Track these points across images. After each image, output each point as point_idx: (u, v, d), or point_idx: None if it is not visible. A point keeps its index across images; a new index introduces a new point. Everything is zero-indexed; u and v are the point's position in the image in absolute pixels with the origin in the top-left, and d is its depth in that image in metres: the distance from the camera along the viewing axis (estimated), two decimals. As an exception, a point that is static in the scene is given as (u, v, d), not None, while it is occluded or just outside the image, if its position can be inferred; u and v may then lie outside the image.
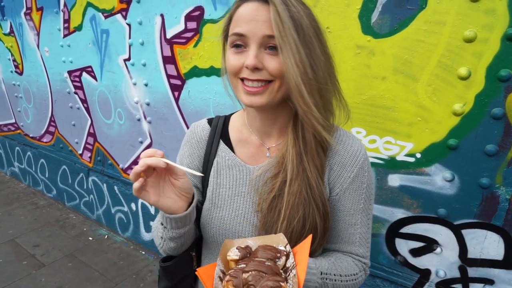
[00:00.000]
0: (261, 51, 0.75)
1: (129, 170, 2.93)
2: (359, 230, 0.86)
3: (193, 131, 0.98)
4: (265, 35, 0.73)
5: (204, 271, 0.66)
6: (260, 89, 0.76)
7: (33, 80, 3.64)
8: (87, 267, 2.89)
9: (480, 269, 1.43)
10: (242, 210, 0.88)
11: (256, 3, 0.74)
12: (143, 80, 2.48)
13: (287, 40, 0.71)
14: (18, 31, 3.56)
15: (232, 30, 0.77)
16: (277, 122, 0.89)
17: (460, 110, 1.32)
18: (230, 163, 0.91)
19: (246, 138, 0.93)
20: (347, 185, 0.85)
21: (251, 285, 0.61)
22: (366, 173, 0.86)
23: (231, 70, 0.79)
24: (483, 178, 1.34)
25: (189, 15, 2.06)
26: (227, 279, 0.64)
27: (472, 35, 1.24)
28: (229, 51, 0.80)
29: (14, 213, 3.82)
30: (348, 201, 0.85)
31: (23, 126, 4.12)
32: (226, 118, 0.99)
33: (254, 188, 0.87)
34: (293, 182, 0.80)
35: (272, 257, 0.67)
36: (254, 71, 0.75)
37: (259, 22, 0.73)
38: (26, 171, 4.40)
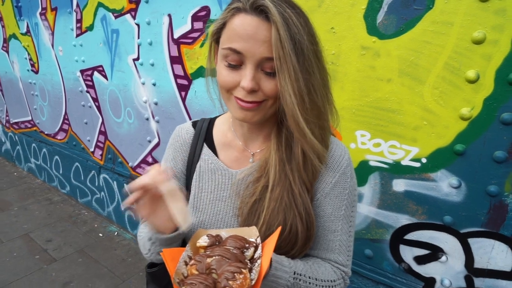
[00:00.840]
0: (258, 71, 0.72)
1: (138, 168, 2.96)
2: (339, 237, 0.84)
3: (178, 134, 0.98)
4: (264, 57, 0.70)
5: (169, 253, 0.66)
6: (254, 105, 0.74)
7: (48, 78, 3.72)
8: (96, 263, 2.94)
9: (487, 279, 1.38)
10: (222, 214, 0.87)
11: (256, 18, 0.69)
12: (151, 80, 2.49)
13: (286, 67, 0.68)
14: (34, 30, 3.64)
15: (227, 43, 0.72)
16: (263, 129, 0.88)
17: (467, 115, 1.27)
18: (213, 167, 0.90)
19: (230, 142, 0.92)
20: (328, 190, 0.83)
21: (213, 269, 0.62)
22: (348, 179, 0.84)
23: (224, 86, 0.76)
24: (491, 185, 1.28)
25: (196, 15, 2.05)
26: (191, 263, 0.65)
27: (481, 36, 1.18)
28: (221, 64, 0.76)
29: (29, 208, 3.92)
30: (329, 207, 0.84)
31: (39, 123, 4.23)
32: (211, 121, 0.99)
33: (236, 192, 0.86)
34: (275, 188, 0.79)
35: (240, 247, 0.68)
36: (251, 93, 0.72)
37: (259, 42, 0.69)
38: (42, 167, 4.51)
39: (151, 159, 2.80)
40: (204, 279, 0.59)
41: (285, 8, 0.68)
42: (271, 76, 0.72)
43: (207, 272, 0.62)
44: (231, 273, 0.59)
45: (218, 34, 0.78)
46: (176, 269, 0.62)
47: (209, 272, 0.62)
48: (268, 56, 0.70)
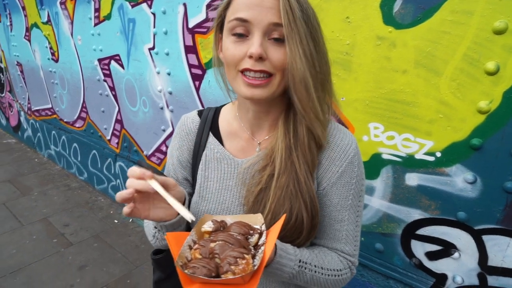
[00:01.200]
0: (265, 40, 0.71)
1: (152, 157, 3.01)
2: (346, 227, 0.83)
3: (183, 123, 0.97)
4: (272, 22, 0.69)
5: (174, 237, 0.67)
6: (263, 82, 0.72)
7: (67, 67, 3.80)
8: (111, 248, 3.02)
9: (502, 278, 1.34)
10: (228, 203, 0.87)
11: None
12: (166, 69, 2.51)
13: (297, 31, 0.67)
14: (54, 19, 3.71)
15: (233, 15, 0.72)
16: (269, 115, 0.86)
17: (485, 108, 1.23)
18: (219, 156, 0.90)
19: (236, 131, 0.91)
20: (335, 180, 0.82)
21: (216, 254, 0.62)
22: (355, 168, 0.83)
23: (231, 61, 0.74)
24: (509, 182, 1.24)
25: (210, 4, 2.05)
26: (195, 247, 0.65)
27: (503, 26, 1.14)
28: (227, 40, 0.75)
29: (48, 193, 4.05)
30: (335, 197, 0.83)
31: (59, 111, 4.33)
32: (217, 110, 0.98)
33: (242, 181, 0.86)
34: (281, 176, 0.78)
35: (244, 233, 0.67)
36: (258, 60, 0.70)
37: (265, 8, 0.68)
38: (61, 154, 4.64)
39: (165, 148, 2.83)
40: (207, 263, 0.59)
41: None
42: (279, 44, 0.71)
43: (210, 257, 0.62)
44: (234, 258, 0.59)
45: (223, 16, 0.78)
46: (180, 252, 0.62)
47: (212, 257, 0.62)
48: (275, 22, 0.69)
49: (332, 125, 0.85)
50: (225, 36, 0.76)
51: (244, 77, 0.73)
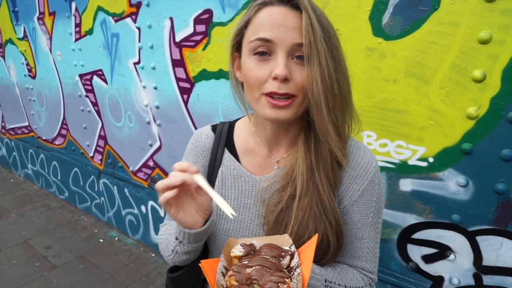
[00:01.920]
0: (289, 60, 0.70)
1: (139, 172, 2.95)
2: (366, 244, 0.83)
3: (197, 138, 0.95)
4: (296, 43, 0.68)
5: (208, 264, 0.65)
6: (287, 102, 0.71)
7: (45, 83, 3.69)
8: (98, 269, 2.91)
9: (496, 277, 1.39)
10: (247, 222, 0.86)
11: (283, 8, 0.69)
12: (153, 83, 2.49)
13: (317, 52, 0.67)
14: (31, 35, 3.62)
15: (255, 35, 0.71)
16: (288, 133, 0.85)
17: (474, 114, 1.28)
18: (236, 173, 0.88)
19: (253, 147, 0.90)
20: (356, 198, 0.82)
21: (254, 279, 0.60)
22: (376, 186, 0.83)
23: (254, 83, 0.73)
24: (499, 183, 1.29)
25: (198, 18, 2.06)
26: (230, 274, 0.63)
27: (488, 36, 1.20)
28: (248, 60, 0.73)
29: (27, 214, 3.88)
30: (356, 215, 0.82)
31: (36, 129, 4.19)
32: (231, 125, 0.96)
33: (261, 200, 0.84)
34: (303, 198, 0.77)
35: (277, 255, 0.66)
36: (284, 82, 0.70)
37: (289, 28, 0.68)
38: (39, 173, 4.47)
39: (152, 163, 2.78)
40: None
41: (313, 4, 0.70)
42: (301, 64, 0.70)
43: (248, 283, 0.60)
44: (275, 283, 0.57)
45: (241, 35, 0.76)
46: (216, 281, 0.61)
47: (250, 283, 0.60)
48: (299, 42, 0.68)
49: (351, 141, 0.84)
50: (245, 56, 0.75)
51: (270, 98, 0.72)
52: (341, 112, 0.74)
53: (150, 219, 3.01)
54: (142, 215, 3.08)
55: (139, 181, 2.97)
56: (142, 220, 3.10)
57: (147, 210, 3.00)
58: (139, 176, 2.96)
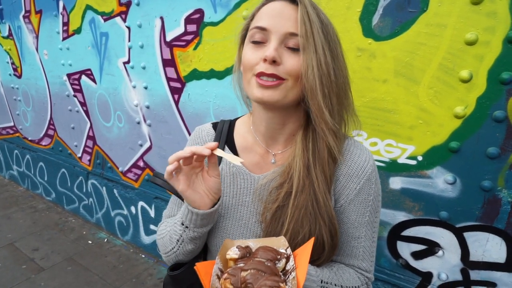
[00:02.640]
0: (281, 47, 0.74)
1: (128, 173, 2.92)
2: (363, 243, 0.84)
3: (198, 135, 0.97)
4: (288, 32, 0.72)
5: (203, 267, 0.65)
6: (273, 83, 0.74)
7: (32, 83, 3.63)
8: (87, 271, 2.87)
9: (482, 272, 1.43)
10: (245, 220, 0.87)
11: (283, 2, 0.74)
12: (143, 83, 2.47)
13: (313, 40, 0.70)
14: (16, 34, 3.55)
15: (253, 24, 0.77)
16: (285, 128, 0.86)
17: (461, 113, 1.32)
18: (235, 171, 0.89)
19: (251, 145, 0.91)
20: (353, 196, 0.82)
21: (249, 283, 0.60)
22: (373, 185, 0.84)
23: (247, 64, 0.77)
24: (485, 181, 1.33)
25: (189, 18, 2.05)
26: (225, 277, 0.63)
27: (474, 37, 1.24)
28: (246, 47, 0.79)
29: (13, 216, 3.80)
30: (353, 213, 0.83)
31: (22, 129, 4.11)
32: (231, 123, 0.97)
33: (259, 198, 0.85)
34: (299, 195, 0.78)
35: (272, 258, 0.66)
36: (272, 64, 0.72)
37: (284, 19, 0.72)
38: (25, 174, 4.38)
39: (142, 163, 2.76)
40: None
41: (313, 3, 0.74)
42: (294, 53, 0.73)
43: (243, 287, 0.61)
44: (269, 287, 0.58)
45: (247, 29, 0.81)
46: (211, 283, 0.61)
47: (245, 287, 0.60)
48: (292, 32, 0.72)
49: (349, 140, 0.86)
50: (245, 44, 0.80)
51: (258, 78, 0.75)
52: (337, 99, 0.76)
53: (140, 220, 2.99)
54: (131, 216, 3.05)
55: (128, 181, 2.95)
56: (131, 221, 3.08)
57: (137, 211, 2.98)
58: (129, 177, 2.93)
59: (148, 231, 2.97)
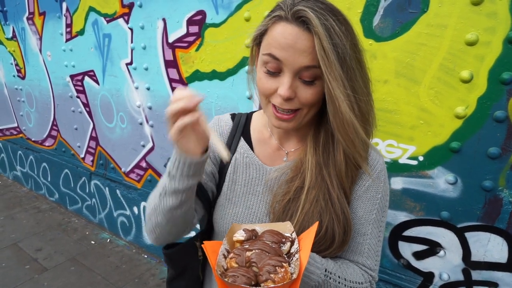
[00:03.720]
0: (295, 79, 0.73)
1: (131, 173, 2.94)
2: (368, 241, 0.84)
3: (216, 123, 0.99)
4: (303, 66, 0.70)
5: (210, 246, 0.67)
6: (290, 116, 0.77)
7: (35, 84, 3.66)
8: (90, 271, 2.89)
9: (484, 272, 1.43)
10: (255, 209, 0.89)
11: (296, 28, 0.69)
12: (145, 84, 2.49)
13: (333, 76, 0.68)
14: (20, 35, 3.58)
15: (267, 49, 0.73)
16: (299, 130, 0.89)
17: (462, 113, 1.32)
18: (248, 161, 0.92)
19: (265, 138, 0.94)
20: (361, 193, 0.84)
21: (254, 262, 0.62)
22: (382, 183, 0.85)
23: (262, 92, 0.78)
24: (486, 181, 1.34)
25: (191, 19, 2.07)
26: (230, 256, 0.65)
27: (474, 38, 1.24)
28: (260, 70, 0.77)
29: (16, 217, 3.82)
30: (360, 210, 0.84)
31: (25, 130, 4.13)
32: (248, 116, 1.00)
33: (269, 189, 0.88)
34: (310, 190, 0.79)
35: (277, 241, 0.68)
36: (287, 100, 0.74)
37: (298, 51, 0.70)
38: (29, 175, 4.41)
39: (145, 164, 2.78)
40: (246, 272, 0.60)
41: (328, 17, 0.68)
42: (309, 85, 0.73)
43: (247, 265, 0.63)
44: (273, 266, 0.60)
45: (260, 39, 0.79)
46: (217, 261, 0.63)
47: (250, 265, 0.62)
48: (307, 65, 0.70)
49: None
50: (259, 64, 0.79)
51: (274, 109, 0.77)
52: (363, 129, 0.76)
53: (142, 220, 3.00)
54: (134, 216, 3.06)
55: (131, 182, 2.96)
56: (134, 221, 3.09)
57: (139, 211, 2.99)
58: (131, 177, 2.95)
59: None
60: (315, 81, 0.73)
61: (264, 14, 1.73)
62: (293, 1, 0.71)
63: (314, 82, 0.73)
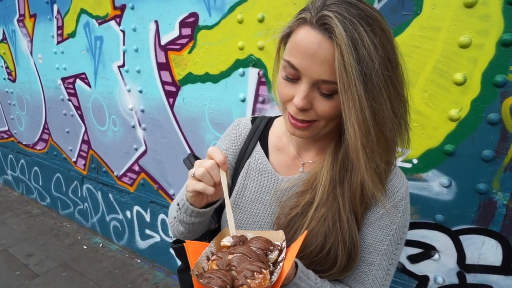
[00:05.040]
0: (313, 90, 0.69)
1: (123, 177, 2.90)
2: (374, 272, 0.78)
3: (235, 126, 0.98)
4: (321, 79, 0.66)
5: (192, 246, 0.67)
6: (304, 125, 0.73)
7: (26, 87, 3.61)
8: (82, 276, 2.85)
9: (479, 275, 1.42)
10: (260, 218, 0.87)
11: (320, 36, 0.63)
12: (138, 87, 2.46)
13: (350, 94, 0.62)
14: (11, 38, 3.53)
15: (288, 55, 0.69)
16: (319, 141, 0.85)
17: (456, 116, 1.32)
18: (261, 168, 0.90)
19: (284, 146, 0.91)
20: (373, 220, 0.78)
21: (233, 266, 0.61)
22: (400, 213, 0.78)
23: (281, 97, 0.75)
24: (480, 183, 1.33)
25: (184, 21, 2.05)
26: (213, 258, 0.65)
27: (467, 40, 1.24)
28: (280, 74, 0.74)
29: (7, 222, 3.76)
30: (370, 237, 0.78)
31: (16, 133, 4.08)
32: (270, 120, 0.97)
33: (278, 200, 0.84)
34: (320, 208, 0.75)
35: (264, 248, 0.67)
36: (302, 111, 0.70)
37: (318, 62, 0.64)
38: (20, 179, 4.35)
39: (137, 167, 2.74)
40: (223, 275, 0.58)
41: (357, 26, 0.60)
42: (327, 98, 0.68)
43: (227, 269, 0.61)
44: (251, 271, 0.58)
45: (286, 40, 0.74)
46: (197, 262, 0.62)
47: (229, 269, 0.61)
48: (325, 79, 0.65)
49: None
50: (280, 68, 0.75)
51: (290, 116, 0.74)
52: (384, 154, 0.69)
53: (135, 224, 2.96)
54: (127, 220, 3.03)
55: (124, 186, 2.93)
56: (127, 225, 3.05)
57: (132, 216, 2.96)
58: (124, 181, 2.91)
59: (143, 236, 2.94)
60: (334, 95, 0.67)
61: (257, 17, 1.73)
62: (323, 3, 0.64)
63: (333, 96, 0.68)
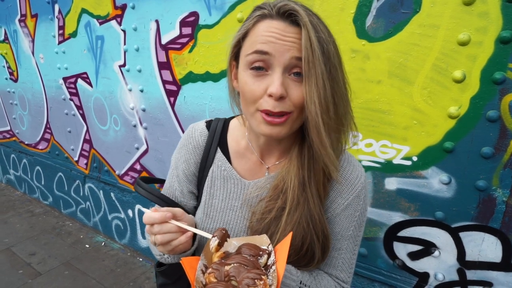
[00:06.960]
0: (285, 76, 0.69)
1: (125, 176, 2.91)
2: (343, 255, 0.85)
3: (191, 135, 0.94)
4: (294, 56, 0.66)
5: (188, 262, 0.67)
6: (282, 120, 0.70)
7: (28, 87, 3.62)
8: (84, 275, 2.86)
9: (479, 271, 1.43)
10: (233, 224, 0.87)
11: (282, 23, 0.67)
12: (139, 86, 2.47)
13: (314, 71, 0.65)
14: (12, 38, 3.55)
15: (252, 48, 0.69)
16: (281, 144, 0.85)
17: (455, 113, 1.32)
18: (226, 175, 0.89)
19: (244, 151, 0.89)
20: (339, 211, 0.83)
21: (232, 276, 0.62)
22: (361, 202, 0.84)
23: (250, 97, 0.71)
24: (480, 180, 1.34)
25: (184, 20, 2.06)
26: (209, 271, 0.65)
27: (466, 38, 1.24)
28: (245, 73, 0.72)
29: (9, 221, 3.78)
30: (337, 226, 0.84)
31: (18, 133, 4.10)
32: (226, 122, 0.95)
33: (248, 204, 0.85)
34: (292, 212, 0.77)
35: (255, 254, 0.68)
36: (279, 100, 0.68)
37: (288, 42, 0.66)
38: (22, 178, 4.37)
39: (139, 166, 2.76)
40: (225, 286, 0.59)
41: (311, 13, 0.68)
42: (300, 80, 0.69)
43: (226, 280, 0.62)
44: (251, 279, 0.59)
45: (238, 46, 0.75)
46: (196, 277, 0.63)
47: (228, 279, 0.62)
48: (297, 56, 0.66)
49: (343, 156, 0.84)
50: (242, 69, 0.73)
51: (265, 115, 0.71)
52: (336, 133, 0.73)
53: (137, 223, 2.98)
54: (129, 219, 3.04)
55: (125, 185, 2.94)
56: (129, 224, 3.07)
57: (134, 214, 2.97)
58: (126, 180, 2.93)
59: (145, 234, 2.95)
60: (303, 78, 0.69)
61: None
62: (276, 2, 0.70)
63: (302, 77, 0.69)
